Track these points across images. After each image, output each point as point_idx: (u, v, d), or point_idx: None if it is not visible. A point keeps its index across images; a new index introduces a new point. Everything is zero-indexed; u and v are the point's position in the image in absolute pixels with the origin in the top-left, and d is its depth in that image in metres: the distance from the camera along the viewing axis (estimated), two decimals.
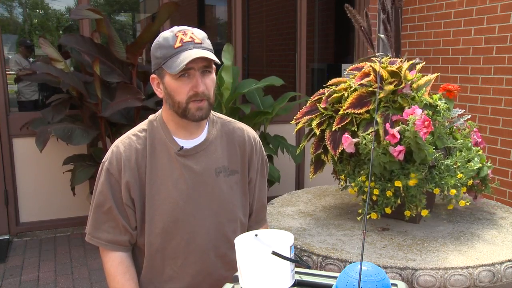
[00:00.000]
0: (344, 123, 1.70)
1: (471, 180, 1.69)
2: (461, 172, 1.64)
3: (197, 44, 1.25)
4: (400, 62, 1.77)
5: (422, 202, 1.62)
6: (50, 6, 4.63)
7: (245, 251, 0.91)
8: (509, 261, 1.43)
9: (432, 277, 1.37)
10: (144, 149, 1.32)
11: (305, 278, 0.98)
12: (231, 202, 1.39)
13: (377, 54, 1.93)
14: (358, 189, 1.70)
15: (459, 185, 1.62)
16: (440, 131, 1.70)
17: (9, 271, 3.24)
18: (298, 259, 0.94)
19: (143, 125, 1.37)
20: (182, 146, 1.33)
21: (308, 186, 2.49)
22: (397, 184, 1.60)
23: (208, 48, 1.27)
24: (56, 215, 3.98)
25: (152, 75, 1.33)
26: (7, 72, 3.83)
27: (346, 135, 1.65)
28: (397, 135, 1.55)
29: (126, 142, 1.33)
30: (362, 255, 0.79)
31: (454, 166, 1.65)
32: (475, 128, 1.88)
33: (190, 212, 1.33)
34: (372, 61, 1.78)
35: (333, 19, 5.95)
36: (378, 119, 1.63)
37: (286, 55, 5.63)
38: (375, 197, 1.67)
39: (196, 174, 1.33)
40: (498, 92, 3.61)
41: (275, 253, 0.88)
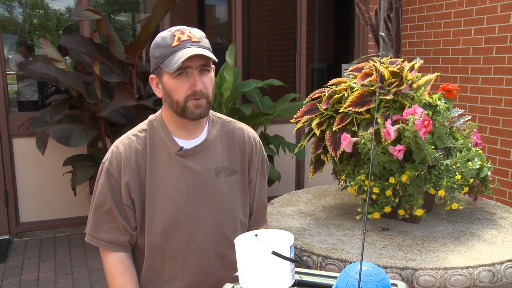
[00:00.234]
0: (345, 124, 1.70)
1: (472, 179, 1.68)
2: (461, 173, 1.64)
3: (195, 43, 1.25)
4: (401, 63, 1.77)
5: (419, 202, 1.62)
6: (50, 6, 4.62)
7: (245, 251, 0.91)
8: (509, 261, 1.43)
9: (432, 277, 1.37)
10: (144, 150, 1.32)
11: (305, 278, 0.98)
12: (231, 202, 1.39)
13: (379, 54, 1.93)
14: (358, 188, 1.70)
15: (455, 187, 1.61)
16: (440, 131, 1.70)
17: (9, 271, 3.24)
18: (298, 259, 0.94)
19: (143, 125, 1.37)
20: (182, 146, 1.33)
21: (308, 186, 2.49)
22: (391, 181, 1.60)
23: (206, 47, 1.27)
24: (56, 215, 3.98)
25: (151, 75, 1.33)
26: (7, 72, 3.83)
27: (345, 134, 1.65)
28: (392, 134, 1.55)
29: (126, 143, 1.33)
30: (362, 255, 0.79)
31: (454, 167, 1.65)
32: (475, 129, 1.88)
33: (190, 212, 1.32)
34: (373, 61, 1.78)
35: (333, 19, 5.94)
36: (379, 119, 1.63)
37: (286, 55, 5.62)
38: (375, 196, 1.67)
39: (196, 174, 1.33)
40: (498, 92, 3.61)
41: (275, 253, 0.88)
